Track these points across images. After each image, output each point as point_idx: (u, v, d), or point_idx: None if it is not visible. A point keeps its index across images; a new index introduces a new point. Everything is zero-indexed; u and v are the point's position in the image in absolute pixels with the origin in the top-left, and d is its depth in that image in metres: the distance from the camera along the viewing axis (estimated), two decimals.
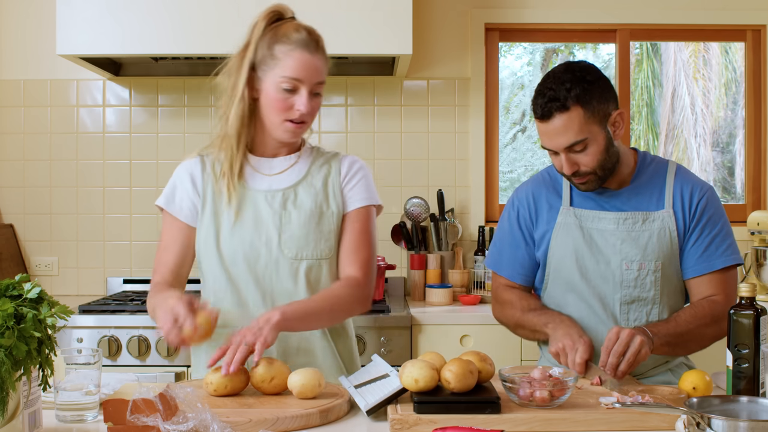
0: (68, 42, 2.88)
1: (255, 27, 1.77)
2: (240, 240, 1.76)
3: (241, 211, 1.78)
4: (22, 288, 1.29)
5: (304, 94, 1.72)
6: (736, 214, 3.51)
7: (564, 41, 3.68)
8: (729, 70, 6.23)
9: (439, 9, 3.38)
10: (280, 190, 1.80)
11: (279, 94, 1.72)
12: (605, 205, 1.90)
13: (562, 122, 1.76)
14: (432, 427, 1.34)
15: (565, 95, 1.75)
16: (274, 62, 1.72)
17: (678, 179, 1.90)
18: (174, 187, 1.84)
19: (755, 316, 1.48)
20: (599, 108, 1.78)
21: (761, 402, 1.30)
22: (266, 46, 1.73)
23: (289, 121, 1.75)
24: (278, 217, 1.77)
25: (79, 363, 1.44)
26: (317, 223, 1.79)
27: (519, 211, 1.99)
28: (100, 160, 3.36)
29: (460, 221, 3.36)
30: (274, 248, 1.76)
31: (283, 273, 1.77)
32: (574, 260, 1.89)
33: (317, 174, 1.84)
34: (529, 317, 1.91)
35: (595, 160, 1.80)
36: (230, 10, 2.87)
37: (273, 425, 1.37)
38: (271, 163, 1.83)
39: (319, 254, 1.79)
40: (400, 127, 3.37)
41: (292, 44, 1.72)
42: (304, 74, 1.72)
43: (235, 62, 1.77)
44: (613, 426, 1.40)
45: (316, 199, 1.81)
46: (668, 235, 1.86)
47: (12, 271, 3.20)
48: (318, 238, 1.79)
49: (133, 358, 2.72)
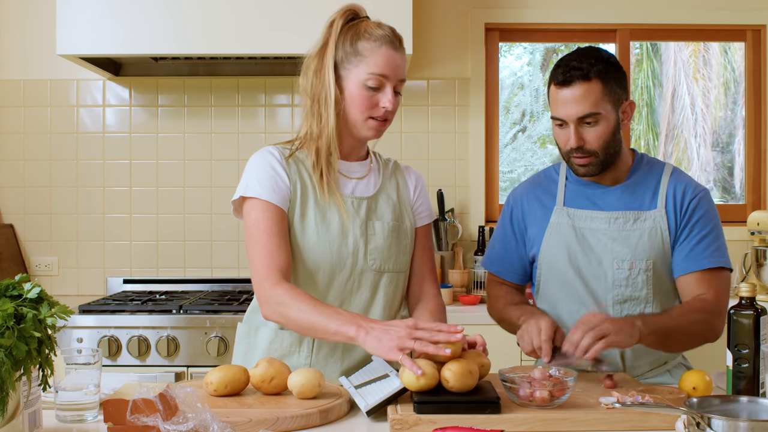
0: (68, 42, 2.88)
1: (332, 26, 1.72)
2: (327, 245, 1.70)
3: (328, 213, 1.71)
4: (22, 288, 1.29)
5: (389, 90, 1.69)
6: (736, 214, 3.51)
7: (564, 41, 3.68)
8: (728, 70, 6.23)
9: (439, 9, 3.38)
10: (364, 198, 1.76)
11: (364, 92, 1.68)
12: (599, 202, 1.91)
13: (581, 91, 1.78)
14: (432, 427, 1.34)
15: (588, 67, 1.78)
16: (358, 59, 1.68)
17: (673, 179, 1.91)
18: (261, 174, 1.70)
19: (755, 316, 1.48)
20: (616, 90, 1.81)
21: (761, 402, 1.30)
22: (349, 44, 1.69)
23: (373, 118, 1.71)
24: (365, 227, 1.73)
25: (79, 363, 1.44)
26: (397, 236, 1.77)
27: (512, 210, 2.02)
28: (100, 160, 3.36)
29: (460, 221, 3.36)
30: (360, 259, 1.73)
31: (365, 284, 1.74)
32: (567, 259, 1.90)
33: (390, 185, 1.82)
34: (508, 310, 1.92)
35: (602, 140, 1.81)
36: (230, 10, 2.87)
37: (273, 425, 1.37)
38: (350, 166, 1.79)
39: (399, 267, 1.77)
40: (400, 127, 3.37)
41: (377, 41, 1.69)
42: (390, 70, 1.69)
43: (315, 62, 1.72)
44: (613, 426, 1.40)
45: (394, 211, 1.79)
46: (659, 235, 1.86)
47: (12, 271, 3.20)
48: (398, 251, 1.77)
49: (133, 358, 2.72)
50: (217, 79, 3.34)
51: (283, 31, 2.84)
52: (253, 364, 1.76)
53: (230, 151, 3.36)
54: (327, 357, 1.73)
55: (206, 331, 2.73)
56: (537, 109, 6.12)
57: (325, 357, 1.73)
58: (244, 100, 3.36)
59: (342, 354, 1.74)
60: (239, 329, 1.85)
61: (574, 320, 1.88)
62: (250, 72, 3.31)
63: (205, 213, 3.36)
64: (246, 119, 3.37)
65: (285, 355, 1.74)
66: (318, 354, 1.73)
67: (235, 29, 2.88)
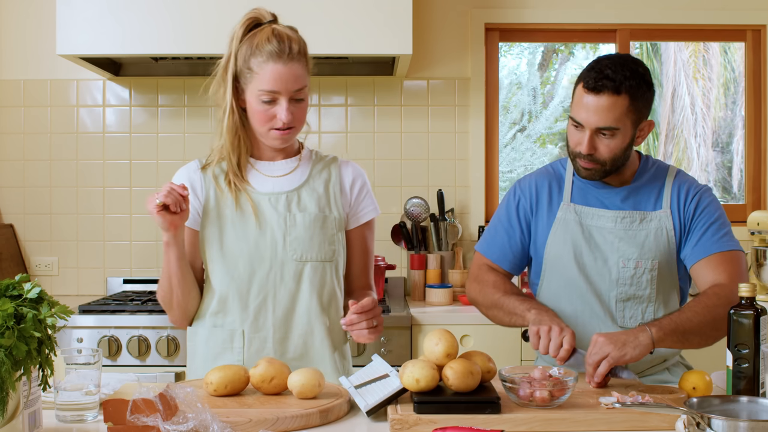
0: (68, 42, 2.88)
1: (234, 37, 1.75)
2: (245, 241, 1.77)
3: (244, 214, 1.78)
4: (22, 288, 1.29)
5: (283, 104, 1.71)
6: (736, 214, 3.51)
7: (564, 41, 3.69)
8: (728, 70, 6.23)
9: (439, 9, 3.38)
10: (283, 192, 1.81)
11: (260, 106, 1.72)
12: (605, 201, 1.92)
13: (608, 103, 1.77)
14: (432, 427, 1.34)
15: (622, 80, 1.76)
16: (251, 75, 1.72)
17: (676, 181, 1.92)
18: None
19: (755, 316, 1.48)
20: (641, 108, 1.81)
21: (761, 402, 1.30)
22: (243, 59, 1.73)
23: (275, 129, 1.75)
24: (283, 219, 1.78)
25: (79, 363, 1.44)
26: (321, 226, 1.80)
27: (520, 200, 2.00)
28: (100, 160, 3.36)
29: (460, 221, 3.36)
30: (279, 250, 1.77)
31: (288, 274, 1.78)
32: (573, 256, 1.90)
33: (318, 178, 1.85)
34: (510, 300, 1.88)
35: (613, 153, 1.81)
36: (230, 10, 2.86)
37: (273, 425, 1.37)
38: (272, 166, 1.84)
39: (323, 257, 1.80)
40: (400, 127, 3.37)
41: (264, 56, 1.70)
42: (280, 86, 1.70)
43: (221, 73, 1.77)
44: (613, 426, 1.40)
45: (318, 203, 1.81)
46: (665, 235, 1.87)
47: (12, 271, 3.20)
48: (322, 241, 1.79)
49: (133, 358, 2.72)
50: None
51: None
52: (195, 364, 1.83)
53: None
54: (259, 350, 1.78)
55: None
56: (536, 109, 6.12)
57: (257, 350, 1.78)
58: None
59: (273, 345, 1.78)
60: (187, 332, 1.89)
61: (576, 316, 1.90)
62: None
63: None
64: None
65: (219, 353, 1.79)
66: (250, 348, 1.78)
67: None
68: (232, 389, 1.52)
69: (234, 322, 1.78)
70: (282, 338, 1.78)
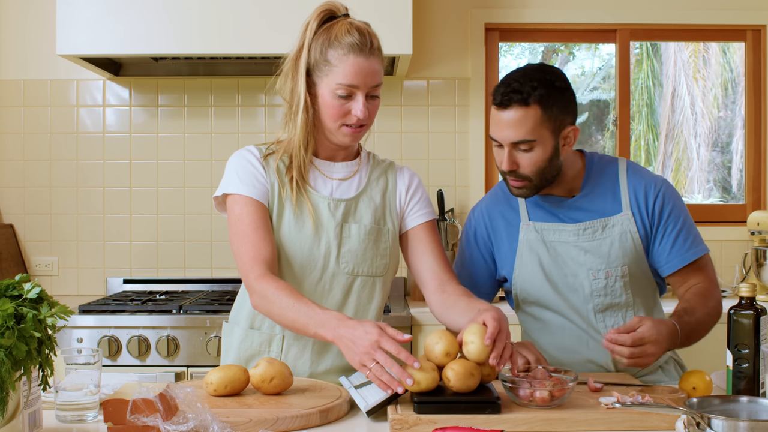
0: (68, 42, 2.88)
1: (307, 28, 1.67)
2: (299, 246, 1.70)
3: (303, 215, 1.70)
4: (22, 288, 1.29)
5: (360, 99, 1.65)
6: (736, 214, 3.51)
7: (564, 41, 3.69)
8: (727, 70, 6.23)
9: (439, 9, 3.38)
10: (343, 200, 1.74)
11: (335, 101, 1.65)
12: (563, 216, 1.87)
13: (517, 116, 1.72)
14: (432, 427, 1.34)
15: (529, 91, 1.71)
16: (328, 68, 1.64)
17: (631, 178, 1.87)
18: (241, 171, 1.72)
19: (755, 316, 1.48)
20: (557, 116, 1.75)
21: (761, 402, 1.30)
22: (319, 51, 1.65)
23: (347, 125, 1.67)
24: (339, 229, 1.71)
25: (79, 363, 1.44)
26: (375, 239, 1.74)
27: (476, 230, 1.97)
28: (100, 160, 3.36)
29: (460, 221, 3.36)
30: (332, 261, 1.71)
31: (337, 287, 1.72)
32: (543, 275, 1.86)
33: (375, 187, 1.78)
34: None
35: (536, 166, 1.76)
36: (230, 10, 2.87)
37: (273, 425, 1.37)
38: (332, 167, 1.77)
39: (374, 271, 1.74)
40: (400, 127, 3.37)
41: (344, 49, 1.63)
42: (360, 80, 1.64)
43: (291, 66, 1.69)
44: (613, 426, 1.40)
45: (374, 214, 1.75)
46: (630, 238, 1.83)
47: (12, 271, 3.20)
48: (374, 255, 1.74)
49: (133, 358, 2.72)
50: (217, 79, 3.34)
51: (282, 31, 2.83)
52: (227, 362, 1.79)
53: (230, 151, 3.31)
54: (297, 358, 1.73)
55: (206, 331, 2.73)
56: None
57: (295, 357, 1.73)
58: (244, 100, 3.36)
59: (311, 355, 1.73)
60: (223, 327, 1.87)
61: (561, 332, 1.88)
62: (250, 72, 3.31)
63: (205, 213, 3.36)
64: (246, 119, 3.37)
65: (255, 354, 1.75)
66: (287, 355, 1.73)
67: (235, 29, 2.88)
68: (232, 389, 1.52)
69: (275, 325, 1.72)
70: (321, 350, 1.73)
